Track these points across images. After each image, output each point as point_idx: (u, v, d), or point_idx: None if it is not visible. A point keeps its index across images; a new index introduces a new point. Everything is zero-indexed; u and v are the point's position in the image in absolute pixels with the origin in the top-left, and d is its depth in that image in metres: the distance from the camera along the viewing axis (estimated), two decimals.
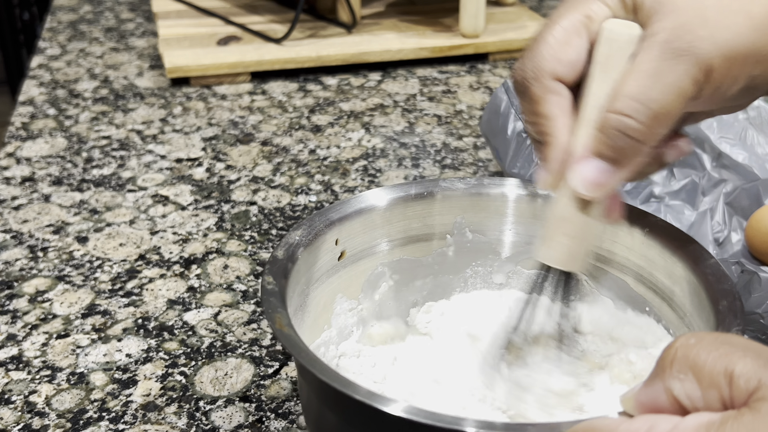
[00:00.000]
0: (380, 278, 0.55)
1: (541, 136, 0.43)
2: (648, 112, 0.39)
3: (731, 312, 0.43)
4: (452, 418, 0.37)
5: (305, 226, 0.50)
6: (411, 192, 0.54)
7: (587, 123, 0.41)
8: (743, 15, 0.39)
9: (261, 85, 1.04)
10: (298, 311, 0.48)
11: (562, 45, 0.42)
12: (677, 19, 0.39)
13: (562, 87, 0.42)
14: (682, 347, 0.32)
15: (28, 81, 1.06)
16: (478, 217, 0.55)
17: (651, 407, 0.33)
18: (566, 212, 0.43)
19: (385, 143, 0.89)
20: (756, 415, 0.29)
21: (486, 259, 0.56)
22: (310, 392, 0.44)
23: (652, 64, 0.39)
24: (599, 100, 0.41)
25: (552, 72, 0.42)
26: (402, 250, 0.55)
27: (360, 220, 0.53)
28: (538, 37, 0.42)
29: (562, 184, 0.43)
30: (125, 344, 0.60)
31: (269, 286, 0.45)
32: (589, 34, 0.42)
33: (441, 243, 0.56)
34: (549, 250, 0.44)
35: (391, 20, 1.17)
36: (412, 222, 0.55)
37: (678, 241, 0.49)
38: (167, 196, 0.79)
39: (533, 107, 0.42)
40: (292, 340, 0.41)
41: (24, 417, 0.54)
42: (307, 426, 0.51)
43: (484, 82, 1.05)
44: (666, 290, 0.50)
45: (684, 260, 0.48)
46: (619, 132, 0.39)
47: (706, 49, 0.38)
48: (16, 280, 0.67)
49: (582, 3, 0.42)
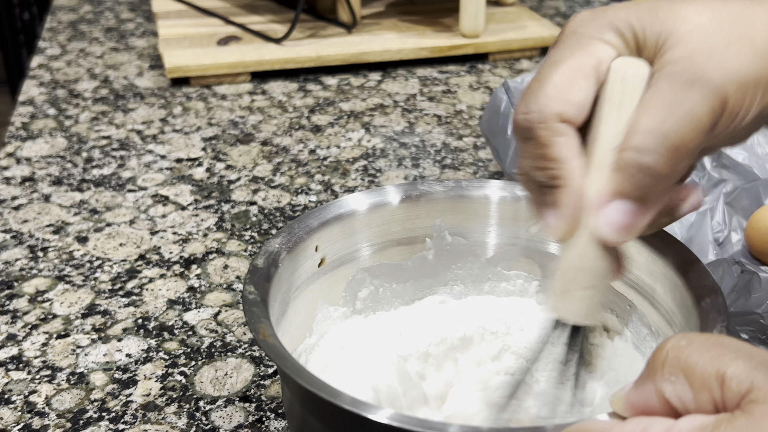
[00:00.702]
0: (360, 284, 0.55)
1: (553, 180, 0.40)
2: (666, 143, 0.37)
3: (714, 308, 0.43)
4: (438, 423, 0.37)
5: (285, 234, 0.50)
6: (390, 196, 0.54)
7: (600, 166, 0.39)
8: (747, 43, 0.38)
9: (261, 85, 1.04)
10: (280, 319, 0.47)
11: (569, 86, 0.40)
12: (684, 50, 0.38)
13: (570, 129, 0.40)
14: (673, 349, 0.32)
15: (28, 81, 1.06)
16: (458, 220, 0.55)
17: (641, 409, 0.33)
18: (583, 262, 0.40)
19: (385, 143, 0.89)
20: (749, 418, 0.29)
21: (466, 262, 0.56)
22: (293, 400, 0.44)
23: (666, 95, 0.37)
24: (613, 142, 0.39)
25: (559, 113, 0.39)
26: (382, 254, 0.55)
27: (339, 225, 0.52)
28: (541, 78, 0.40)
29: (577, 231, 0.40)
30: (125, 344, 0.60)
31: (251, 296, 0.45)
32: (598, 75, 0.40)
33: (421, 246, 0.56)
34: (566, 305, 0.41)
35: (391, 20, 1.17)
36: (392, 226, 0.54)
37: (658, 239, 0.48)
38: (167, 196, 0.79)
39: (542, 151, 0.40)
40: (277, 350, 0.41)
41: (24, 417, 0.54)
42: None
43: (484, 82, 1.05)
44: (647, 288, 0.50)
45: (664, 257, 0.48)
46: (640, 169, 0.37)
47: (718, 77, 0.37)
48: (16, 280, 0.67)
49: (586, 44, 0.40)
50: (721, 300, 0.43)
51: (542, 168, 0.40)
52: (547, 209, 0.41)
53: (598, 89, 0.40)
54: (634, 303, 0.51)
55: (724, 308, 0.43)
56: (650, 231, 0.42)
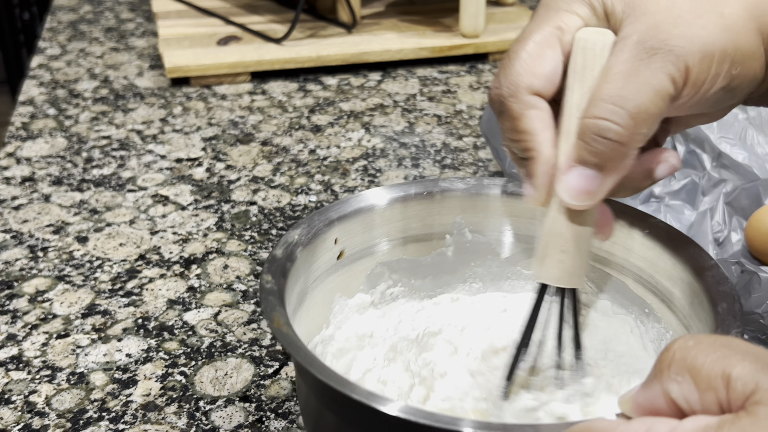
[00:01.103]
0: (379, 278, 0.55)
1: (525, 152, 0.42)
2: (624, 112, 0.38)
3: (730, 314, 0.43)
4: (450, 418, 0.37)
5: (304, 225, 0.50)
6: (411, 192, 0.54)
7: (569, 134, 0.40)
8: (715, 15, 0.39)
9: (261, 85, 1.04)
10: (296, 310, 0.48)
11: (535, 59, 0.41)
12: (649, 21, 0.39)
13: (540, 101, 0.41)
14: (680, 349, 0.32)
15: (28, 81, 1.06)
16: (478, 218, 0.55)
17: (648, 409, 0.33)
18: (558, 227, 0.42)
19: (385, 143, 0.89)
20: (753, 419, 0.29)
21: (485, 260, 0.56)
22: (308, 392, 0.44)
23: (626, 65, 0.38)
24: (578, 111, 0.40)
25: (528, 86, 0.41)
26: (401, 249, 0.55)
27: (359, 219, 0.53)
28: (510, 53, 0.42)
29: (551, 198, 0.42)
30: (125, 344, 0.60)
31: (268, 285, 0.45)
32: (563, 45, 0.41)
33: (440, 243, 0.56)
34: (546, 269, 0.43)
35: (391, 20, 1.17)
36: (412, 222, 0.55)
37: (678, 243, 0.49)
38: (167, 196, 0.79)
39: (514, 124, 0.41)
40: (291, 339, 0.41)
41: (24, 417, 0.54)
42: (305, 425, 0.51)
43: (484, 82, 1.05)
44: (666, 292, 0.50)
45: (683, 262, 0.48)
46: (599, 136, 0.39)
47: (680, 47, 0.38)
48: (16, 280, 0.67)
49: (552, 15, 0.41)
50: (738, 306, 0.43)
51: (516, 140, 0.42)
52: (526, 180, 0.43)
53: (565, 59, 0.41)
54: (653, 306, 0.51)
55: (740, 314, 0.43)
56: (629, 194, 0.43)
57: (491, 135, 0.75)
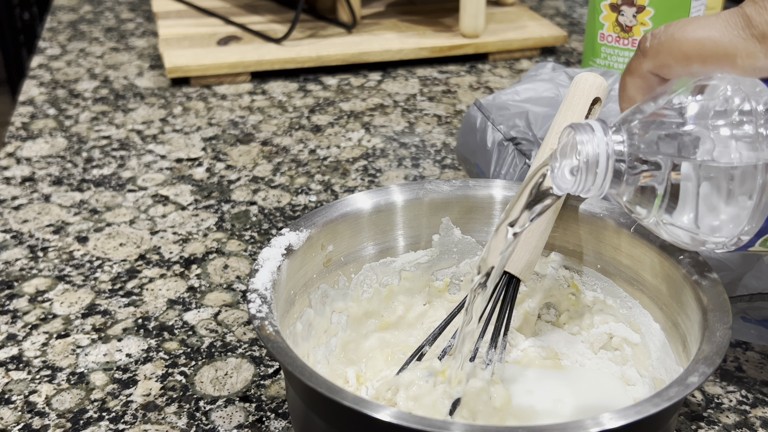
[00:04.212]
0: (366, 282, 0.55)
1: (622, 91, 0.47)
2: None
3: (719, 308, 0.43)
4: (441, 422, 0.37)
5: (290, 231, 0.50)
6: (396, 194, 0.54)
7: (545, 146, 0.52)
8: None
9: (261, 85, 1.04)
10: (284, 316, 0.48)
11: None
12: None
13: (656, 81, 0.45)
14: None
15: (28, 81, 1.06)
16: (465, 219, 0.56)
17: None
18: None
19: (385, 143, 0.89)
20: None
21: (473, 261, 0.56)
22: (296, 398, 0.44)
23: None
24: (559, 129, 0.50)
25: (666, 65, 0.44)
26: (388, 252, 0.55)
27: (345, 223, 0.53)
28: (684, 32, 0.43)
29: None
30: (125, 344, 0.60)
31: (255, 292, 0.45)
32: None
33: (428, 244, 0.56)
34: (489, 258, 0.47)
35: (391, 20, 1.17)
36: (399, 224, 0.55)
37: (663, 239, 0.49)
38: (167, 196, 0.79)
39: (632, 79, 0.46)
40: (279, 346, 0.41)
41: (24, 417, 0.54)
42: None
43: (484, 82, 1.05)
44: (652, 288, 0.50)
45: (668, 257, 0.48)
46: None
47: None
48: (16, 280, 0.67)
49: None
50: (724, 299, 0.43)
51: (623, 86, 0.48)
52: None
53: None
54: (640, 304, 0.51)
55: (728, 307, 0.43)
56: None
57: (470, 153, 0.73)
